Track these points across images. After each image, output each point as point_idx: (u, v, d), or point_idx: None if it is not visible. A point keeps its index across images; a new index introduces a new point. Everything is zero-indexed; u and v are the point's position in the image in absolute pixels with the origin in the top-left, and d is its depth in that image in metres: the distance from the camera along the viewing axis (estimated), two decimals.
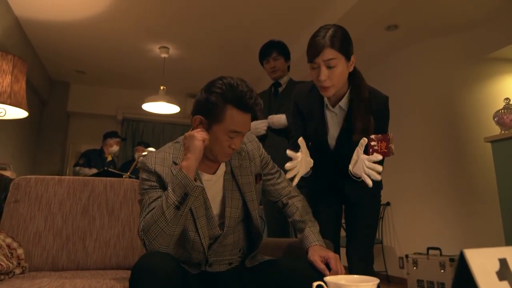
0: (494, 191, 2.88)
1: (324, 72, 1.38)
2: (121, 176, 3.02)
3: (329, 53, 1.36)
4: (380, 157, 1.29)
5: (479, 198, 3.57)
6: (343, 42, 1.38)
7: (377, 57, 4.43)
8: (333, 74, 1.38)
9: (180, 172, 1.12)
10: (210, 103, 1.18)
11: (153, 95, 4.52)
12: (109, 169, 3.55)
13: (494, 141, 2.75)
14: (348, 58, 1.41)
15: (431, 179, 3.85)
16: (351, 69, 1.45)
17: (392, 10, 3.35)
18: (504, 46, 3.54)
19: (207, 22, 3.93)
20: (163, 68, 4.74)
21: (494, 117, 2.85)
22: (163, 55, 4.58)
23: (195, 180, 1.13)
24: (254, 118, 1.23)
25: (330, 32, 1.38)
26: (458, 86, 3.88)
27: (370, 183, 1.29)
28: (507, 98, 2.87)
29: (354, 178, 1.36)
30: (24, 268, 1.45)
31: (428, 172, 3.87)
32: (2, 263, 1.25)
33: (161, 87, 4.55)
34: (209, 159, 1.27)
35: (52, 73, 5.44)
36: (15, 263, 1.40)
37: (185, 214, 1.12)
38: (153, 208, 1.14)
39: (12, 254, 1.42)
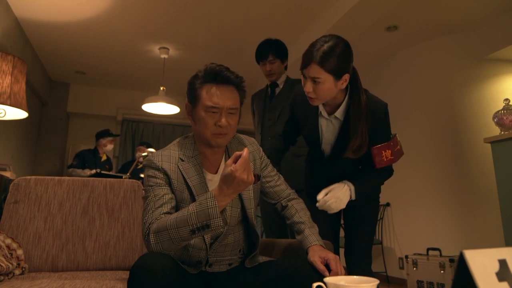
0: (494, 191, 2.89)
1: (309, 85, 1.36)
2: (115, 177, 3.01)
3: (315, 71, 1.32)
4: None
5: (478, 198, 3.56)
6: (336, 61, 1.31)
7: (377, 58, 4.43)
8: (318, 89, 1.35)
9: (213, 200, 1.08)
10: (190, 87, 1.26)
11: (153, 95, 4.52)
12: (102, 172, 3.55)
13: (494, 142, 2.75)
14: (338, 77, 1.34)
15: (431, 180, 3.84)
16: (342, 87, 1.39)
17: (392, 11, 3.35)
18: (504, 47, 3.54)
19: (206, 23, 3.93)
20: (163, 69, 4.74)
21: (494, 118, 2.85)
22: (163, 55, 4.58)
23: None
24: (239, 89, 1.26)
25: (325, 47, 1.32)
26: (458, 87, 3.88)
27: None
28: (506, 99, 2.88)
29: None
30: (23, 269, 1.45)
31: (428, 172, 3.87)
32: (2, 264, 1.25)
33: (161, 88, 4.55)
34: (210, 154, 1.28)
35: (52, 73, 5.44)
36: (14, 263, 1.39)
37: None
38: (162, 205, 1.17)
39: (11, 254, 1.42)
